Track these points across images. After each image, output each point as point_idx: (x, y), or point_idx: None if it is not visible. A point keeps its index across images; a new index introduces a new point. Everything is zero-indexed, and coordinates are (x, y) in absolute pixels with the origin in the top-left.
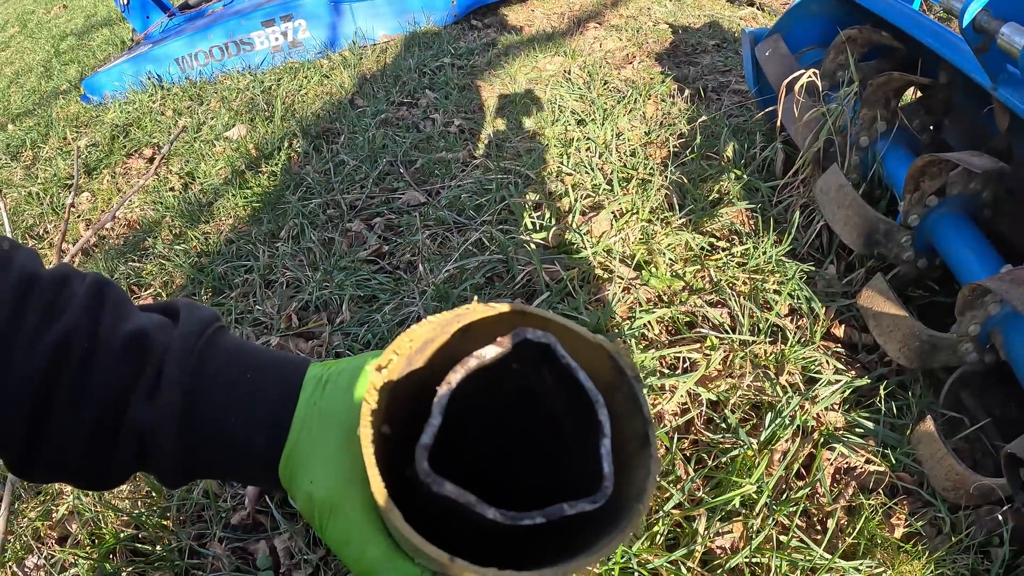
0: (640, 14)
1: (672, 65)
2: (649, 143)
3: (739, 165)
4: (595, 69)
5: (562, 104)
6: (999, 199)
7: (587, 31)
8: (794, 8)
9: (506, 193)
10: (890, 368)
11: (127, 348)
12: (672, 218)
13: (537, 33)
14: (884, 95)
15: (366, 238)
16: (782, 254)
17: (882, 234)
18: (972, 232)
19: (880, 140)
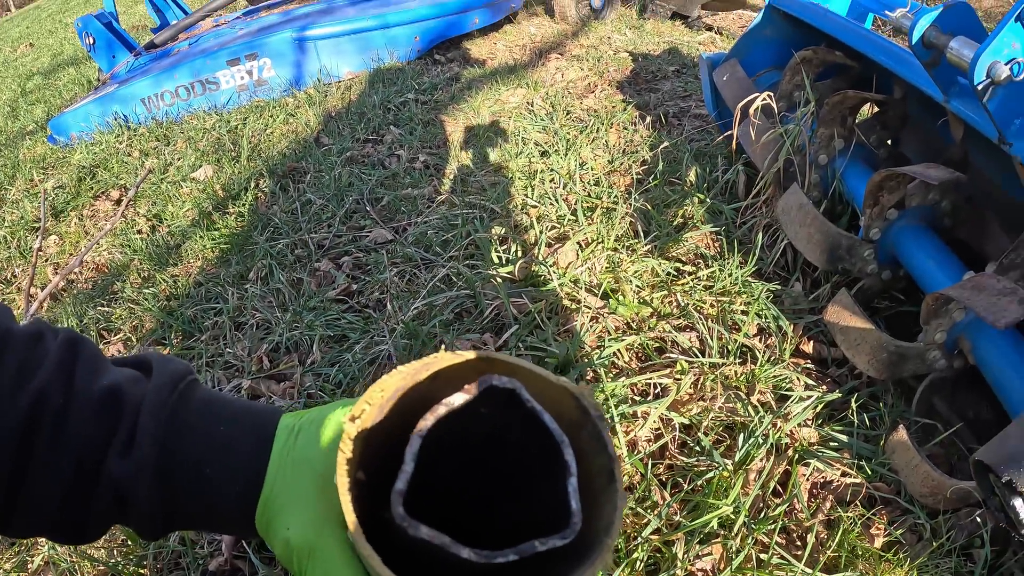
0: (601, 43)
1: (633, 92)
2: (613, 171)
3: (702, 189)
4: (557, 99)
5: (526, 136)
6: (958, 208)
7: (549, 62)
8: (749, 32)
9: (472, 228)
10: (861, 380)
11: (102, 403)
12: (638, 245)
13: (500, 66)
14: (840, 113)
15: (334, 277)
16: (748, 275)
17: (845, 249)
18: (933, 242)
19: (839, 157)
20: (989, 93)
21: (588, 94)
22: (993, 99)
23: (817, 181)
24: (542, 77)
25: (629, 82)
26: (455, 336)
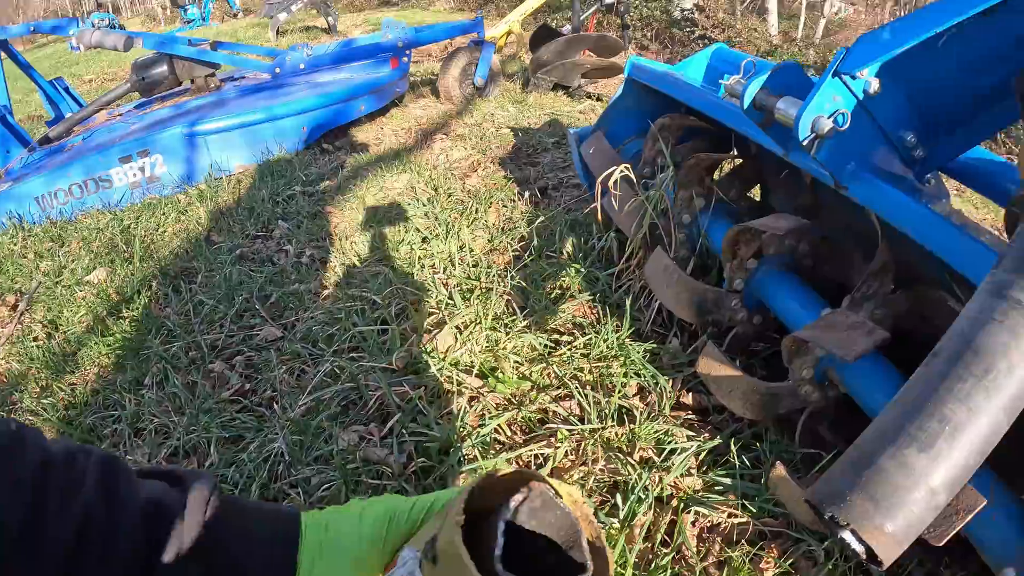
0: (484, 121)
1: (515, 168)
2: (492, 250)
3: (578, 259)
4: (440, 182)
5: (408, 223)
6: (816, 247)
7: (434, 143)
8: (612, 104)
9: (355, 320)
10: (743, 423)
11: (145, 517)
12: (515, 322)
13: (386, 151)
14: (697, 175)
15: (228, 378)
16: (625, 337)
17: (712, 303)
18: (794, 284)
19: (701, 215)
20: (816, 146)
21: (472, 173)
22: (822, 150)
23: (684, 240)
24: (427, 159)
25: (511, 157)
26: (342, 428)
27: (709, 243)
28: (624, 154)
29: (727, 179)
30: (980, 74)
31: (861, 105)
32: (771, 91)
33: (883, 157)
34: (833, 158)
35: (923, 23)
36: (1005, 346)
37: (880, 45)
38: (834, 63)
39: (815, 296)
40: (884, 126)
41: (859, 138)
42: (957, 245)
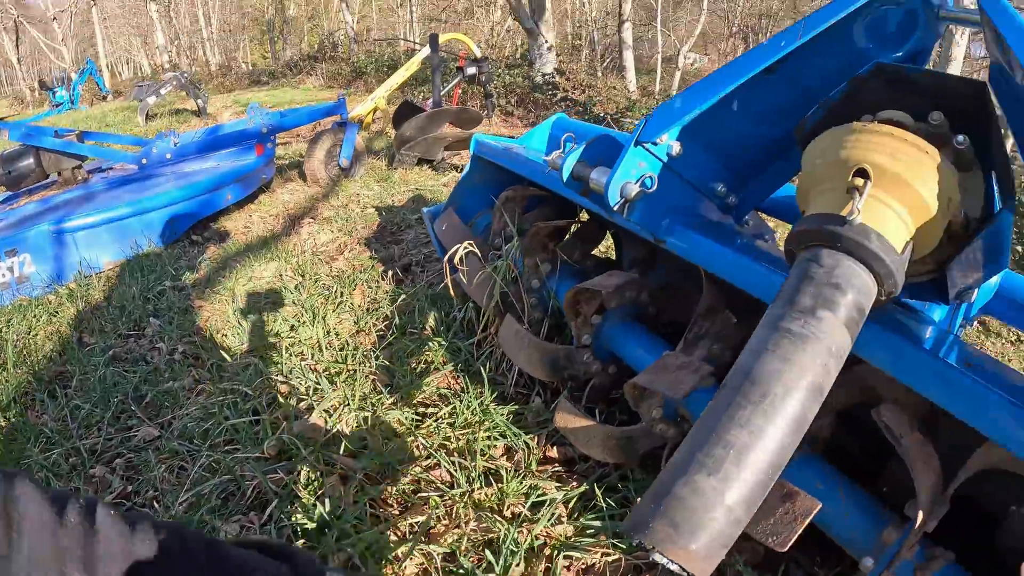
0: (350, 202)
1: (380, 246)
2: (358, 332)
3: (440, 332)
4: (308, 267)
5: (276, 312)
6: (656, 295)
7: (302, 228)
8: (461, 181)
9: (228, 414)
10: (608, 468)
11: None
12: (382, 400)
13: (254, 239)
14: (540, 242)
15: (110, 482)
16: (489, 402)
17: (564, 360)
18: (639, 331)
19: (549, 278)
20: (628, 209)
21: (338, 255)
22: (634, 212)
23: (536, 304)
24: (295, 244)
25: (376, 237)
26: (223, 520)
27: (560, 304)
28: (476, 228)
29: (570, 242)
30: (771, 125)
31: (667, 167)
32: (587, 162)
33: (699, 208)
34: (647, 217)
35: (710, 89)
36: (779, 372)
37: (674, 113)
38: (635, 133)
39: (659, 341)
40: (693, 181)
41: (670, 196)
42: (761, 280)
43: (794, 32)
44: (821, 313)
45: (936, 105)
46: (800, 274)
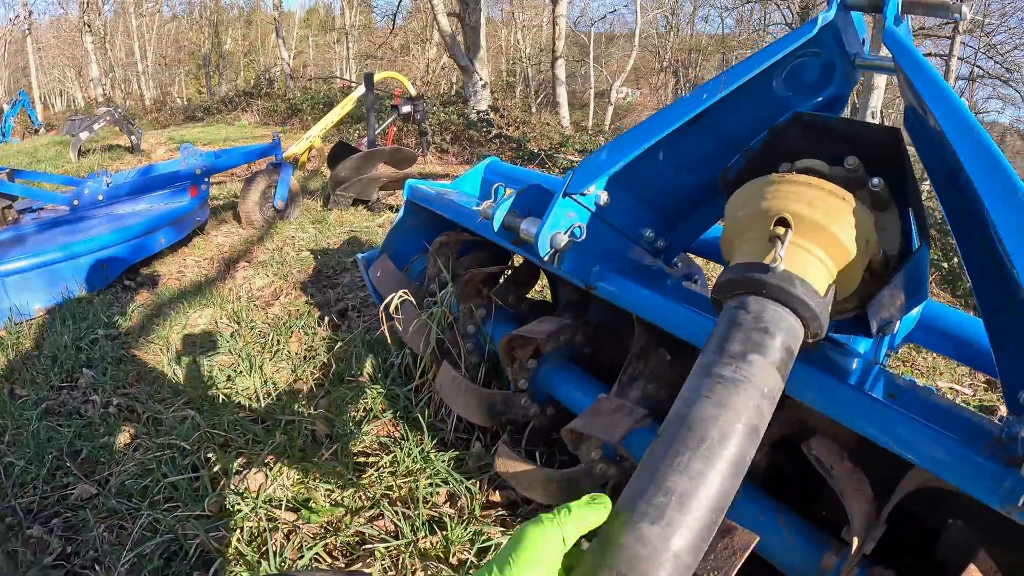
0: (285, 244)
1: (316, 291)
2: (296, 381)
3: (378, 379)
4: (243, 314)
5: (212, 361)
6: (591, 336)
7: (237, 272)
8: (395, 227)
9: (166, 471)
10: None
11: None
12: (323, 450)
13: (188, 284)
14: (474, 287)
15: (48, 542)
16: (430, 449)
17: (501, 404)
18: (575, 373)
19: (485, 323)
20: (558, 259)
21: (274, 301)
22: (564, 261)
23: (472, 349)
24: (230, 289)
25: (312, 281)
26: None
27: (496, 348)
28: (411, 273)
29: (504, 286)
30: (696, 173)
31: (596, 216)
32: (518, 212)
33: (628, 253)
34: (577, 265)
35: (635, 141)
36: (715, 417)
37: (600, 164)
38: (563, 185)
39: (595, 382)
40: (622, 228)
41: (599, 243)
42: (688, 323)
43: (715, 85)
44: (751, 357)
45: (852, 150)
46: (729, 321)
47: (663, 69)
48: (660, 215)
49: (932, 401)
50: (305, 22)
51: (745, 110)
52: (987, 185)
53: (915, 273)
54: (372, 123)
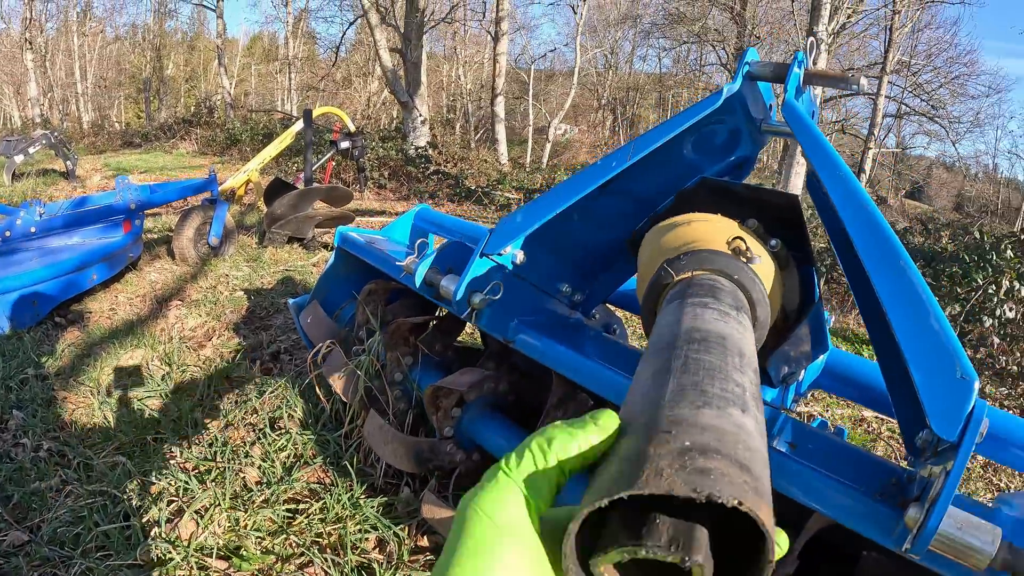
0: (219, 283)
1: (249, 332)
2: (228, 426)
3: (308, 424)
4: (175, 355)
5: (143, 405)
6: (515, 384)
7: (170, 311)
8: (326, 273)
9: (99, 518)
10: None
11: None
12: (253, 497)
13: (120, 323)
14: (401, 336)
15: None
16: (360, 495)
17: (428, 451)
18: (499, 420)
19: (412, 371)
20: (476, 316)
21: (206, 342)
22: (482, 318)
23: (400, 396)
24: (163, 329)
25: (245, 321)
26: None
27: (423, 395)
28: (342, 319)
29: (431, 334)
30: (611, 230)
31: (513, 274)
32: (439, 268)
33: (547, 307)
34: (495, 321)
35: (549, 205)
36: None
37: (516, 227)
38: (479, 246)
39: (517, 429)
40: (540, 284)
41: (516, 299)
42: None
43: (624, 153)
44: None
45: (755, 214)
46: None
47: (601, 107)
48: (577, 270)
49: (835, 447)
50: (248, 50)
51: (655, 174)
52: (868, 250)
53: (814, 326)
54: (310, 160)
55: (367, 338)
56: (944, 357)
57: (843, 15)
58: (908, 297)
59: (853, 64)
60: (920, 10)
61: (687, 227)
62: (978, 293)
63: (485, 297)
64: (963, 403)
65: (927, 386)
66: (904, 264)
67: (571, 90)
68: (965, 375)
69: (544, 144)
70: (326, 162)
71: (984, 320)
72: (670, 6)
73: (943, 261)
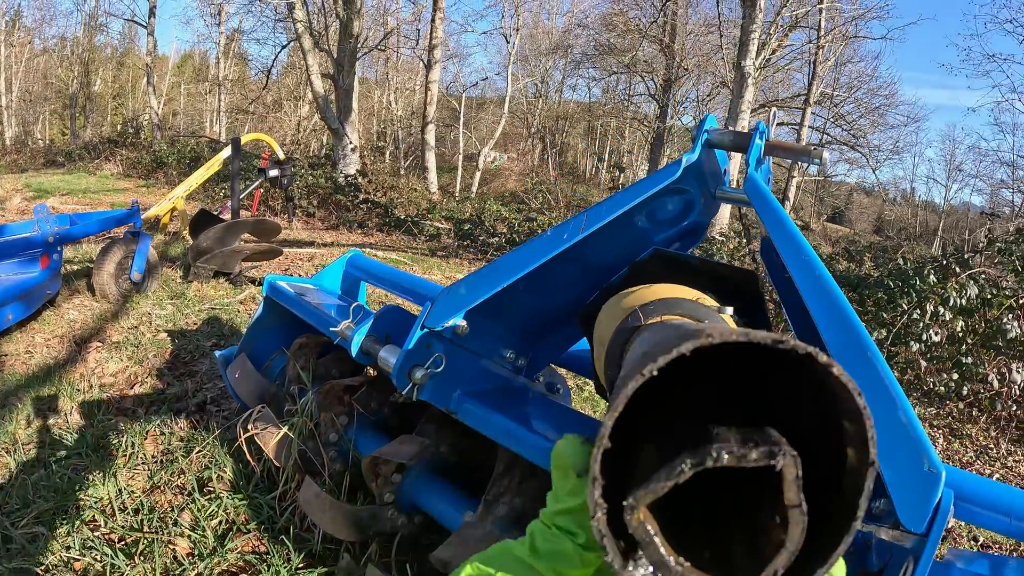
0: (141, 323)
1: (173, 379)
2: (154, 489)
3: (240, 487)
4: (93, 409)
5: (63, 464)
6: (457, 447)
7: (89, 354)
8: (254, 323)
9: None
10: None
11: None
12: (187, 572)
13: (37, 368)
14: (335, 396)
15: None
16: (298, 564)
17: (368, 518)
18: (441, 484)
19: (347, 430)
20: (418, 390)
21: (129, 390)
22: (424, 391)
23: (336, 456)
24: (82, 375)
25: (169, 367)
26: None
27: (360, 455)
28: (271, 371)
29: (366, 392)
30: (558, 297)
31: (455, 344)
32: (376, 337)
33: (490, 375)
34: (437, 393)
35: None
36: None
37: (459, 300)
38: (420, 318)
39: (459, 494)
40: (483, 352)
41: (458, 370)
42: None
43: (576, 225)
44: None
45: (709, 286)
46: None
47: (531, 135)
48: (521, 336)
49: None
50: (179, 68)
51: (606, 242)
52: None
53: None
54: (236, 191)
55: (299, 395)
56: (911, 450)
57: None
58: (876, 390)
59: (778, 95)
60: (843, 45)
61: (649, 289)
62: (904, 318)
63: (427, 371)
64: (930, 496)
65: (895, 480)
66: (871, 353)
67: (502, 118)
68: (932, 468)
69: (474, 171)
70: (254, 190)
71: (911, 344)
72: (601, 37)
73: (868, 287)
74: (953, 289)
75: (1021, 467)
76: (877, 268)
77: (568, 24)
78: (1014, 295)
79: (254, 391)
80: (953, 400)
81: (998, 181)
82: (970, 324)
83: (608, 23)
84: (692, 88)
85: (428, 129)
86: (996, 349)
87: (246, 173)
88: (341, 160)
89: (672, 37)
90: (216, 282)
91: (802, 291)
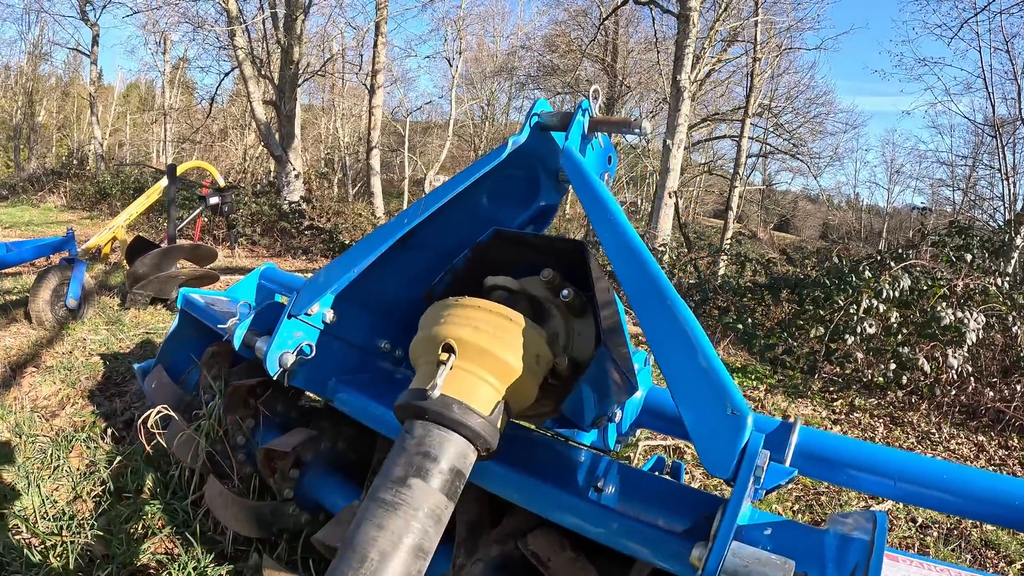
0: (75, 348)
1: (103, 399)
2: (76, 499)
3: (158, 494)
4: (25, 426)
5: None
6: (353, 442)
7: (23, 379)
8: (170, 336)
9: None
10: None
11: None
12: (99, 572)
13: None
14: (240, 399)
15: None
16: (208, 563)
17: (270, 515)
18: (336, 479)
19: (255, 433)
20: (289, 376)
21: (60, 411)
22: (296, 378)
23: (244, 459)
24: (15, 398)
25: (100, 388)
26: None
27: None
28: (188, 383)
29: (272, 395)
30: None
31: (326, 332)
32: (257, 330)
33: (370, 365)
34: (311, 380)
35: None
36: (374, 539)
37: (320, 286)
38: (288, 307)
39: (352, 486)
40: (356, 342)
41: (332, 358)
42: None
43: (416, 209)
44: (412, 481)
45: (551, 262)
46: (397, 446)
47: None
48: (395, 326)
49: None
50: (124, 98)
51: (456, 227)
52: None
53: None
54: (173, 217)
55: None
56: (713, 395)
57: (705, 64)
58: (675, 337)
59: (719, 109)
60: (778, 56)
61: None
62: (840, 313)
63: (296, 358)
64: (735, 440)
65: (696, 425)
66: (671, 303)
67: (447, 141)
68: (736, 411)
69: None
70: (195, 218)
71: (847, 338)
72: (544, 59)
73: (807, 286)
74: (886, 282)
75: (964, 449)
76: (818, 270)
77: (512, 46)
78: (948, 284)
79: (169, 400)
80: (893, 390)
81: (938, 180)
82: (907, 316)
83: (551, 44)
84: (636, 105)
85: (373, 154)
86: (931, 337)
87: (189, 202)
88: (285, 187)
89: (614, 56)
90: (153, 308)
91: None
